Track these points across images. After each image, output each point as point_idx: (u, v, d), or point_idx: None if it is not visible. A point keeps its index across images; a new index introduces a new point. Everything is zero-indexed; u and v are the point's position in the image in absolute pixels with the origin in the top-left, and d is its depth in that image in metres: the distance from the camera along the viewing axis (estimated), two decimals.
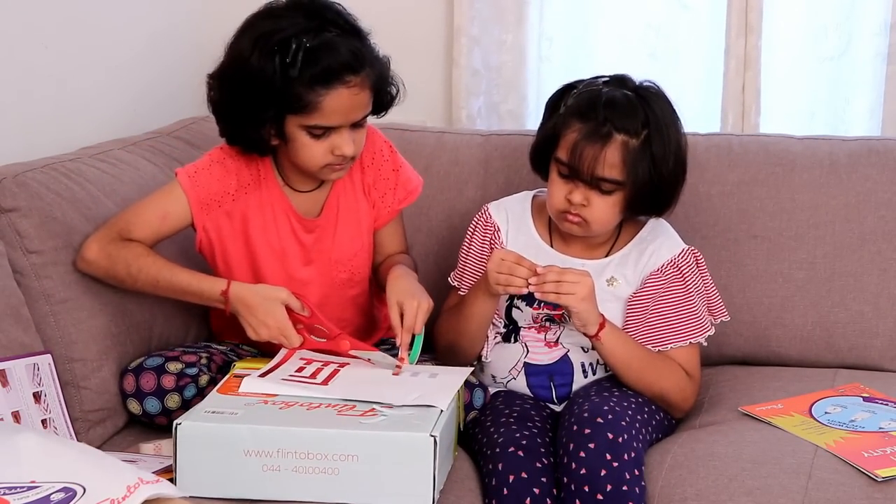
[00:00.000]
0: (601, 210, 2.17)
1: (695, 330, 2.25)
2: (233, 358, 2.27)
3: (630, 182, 2.14)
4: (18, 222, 2.11)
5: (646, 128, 2.15)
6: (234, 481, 1.84)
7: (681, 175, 2.22)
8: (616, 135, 2.13)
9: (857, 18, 2.89)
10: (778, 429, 2.17)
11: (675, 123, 2.21)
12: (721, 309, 2.33)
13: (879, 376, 2.45)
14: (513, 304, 2.28)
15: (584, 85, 2.23)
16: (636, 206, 2.21)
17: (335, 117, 2.11)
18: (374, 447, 1.83)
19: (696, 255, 2.29)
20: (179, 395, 2.12)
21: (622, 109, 2.15)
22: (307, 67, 2.07)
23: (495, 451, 2.09)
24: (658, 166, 2.15)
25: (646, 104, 2.17)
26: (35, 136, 2.39)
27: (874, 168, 2.55)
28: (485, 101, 3.05)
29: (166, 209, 2.21)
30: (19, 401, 1.96)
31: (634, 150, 2.13)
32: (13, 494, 1.48)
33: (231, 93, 2.13)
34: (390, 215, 2.35)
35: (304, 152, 2.15)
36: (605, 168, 2.13)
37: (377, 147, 2.33)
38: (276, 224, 2.27)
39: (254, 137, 2.16)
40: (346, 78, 2.09)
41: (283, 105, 2.09)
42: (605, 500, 1.98)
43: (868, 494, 1.99)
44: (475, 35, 3.00)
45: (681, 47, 3.01)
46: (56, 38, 2.45)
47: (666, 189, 2.20)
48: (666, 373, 2.22)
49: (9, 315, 2.01)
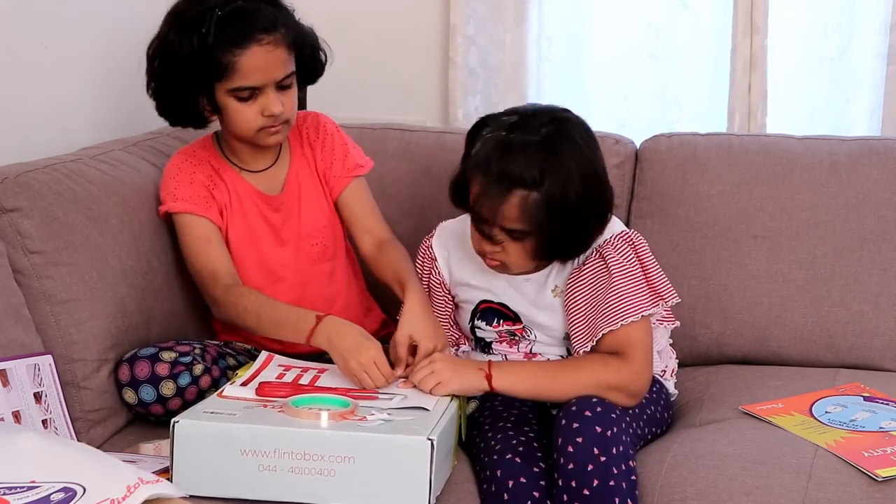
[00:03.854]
0: (515, 254, 2.12)
1: (625, 312, 2.15)
2: (227, 351, 2.28)
3: (535, 230, 2.08)
4: (20, 222, 2.11)
5: (545, 178, 2.04)
6: (230, 481, 1.84)
7: (592, 213, 2.12)
8: (514, 189, 2.04)
9: (857, 18, 2.89)
10: (778, 428, 2.17)
11: (585, 163, 2.09)
12: (669, 291, 2.22)
13: (880, 376, 2.45)
14: (475, 325, 2.28)
15: (491, 127, 2.13)
16: (549, 254, 2.14)
17: (255, 76, 2.21)
18: (370, 449, 1.82)
19: (632, 239, 2.20)
20: (174, 382, 2.13)
21: (519, 161, 2.04)
22: (221, 32, 2.18)
23: (493, 457, 2.08)
24: (560, 215, 2.06)
25: (549, 149, 2.06)
26: (35, 137, 2.40)
27: (874, 168, 2.55)
28: (482, 101, 3.05)
29: (200, 234, 2.31)
30: (20, 401, 1.96)
31: (534, 202, 2.04)
32: (13, 494, 1.48)
33: (160, 71, 2.25)
34: (343, 183, 2.41)
35: (237, 119, 2.25)
36: (507, 221, 2.07)
37: (321, 123, 2.44)
38: (242, 209, 2.34)
39: (189, 111, 2.28)
40: (259, 36, 2.20)
41: (205, 74, 2.20)
42: (592, 495, 1.97)
43: (868, 494, 1.99)
44: (471, 34, 3.00)
45: (681, 47, 3.01)
46: (56, 38, 2.45)
47: (576, 233, 2.11)
48: (585, 370, 2.12)
49: (9, 315, 2.02)
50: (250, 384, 2.03)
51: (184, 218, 2.31)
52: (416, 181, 2.67)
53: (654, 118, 3.00)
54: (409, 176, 2.67)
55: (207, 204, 2.31)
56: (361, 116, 2.58)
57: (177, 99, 2.26)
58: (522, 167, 2.04)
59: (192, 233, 2.31)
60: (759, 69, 2.88)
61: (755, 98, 2.90)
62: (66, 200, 2.18)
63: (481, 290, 2.27)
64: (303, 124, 2.43)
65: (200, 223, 2.31)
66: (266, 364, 2.14)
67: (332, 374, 2.11)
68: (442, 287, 2.30)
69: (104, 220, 2.23)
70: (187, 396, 2.13)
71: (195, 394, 2.14)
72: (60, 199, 2.18)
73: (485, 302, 2.27)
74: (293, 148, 2.42)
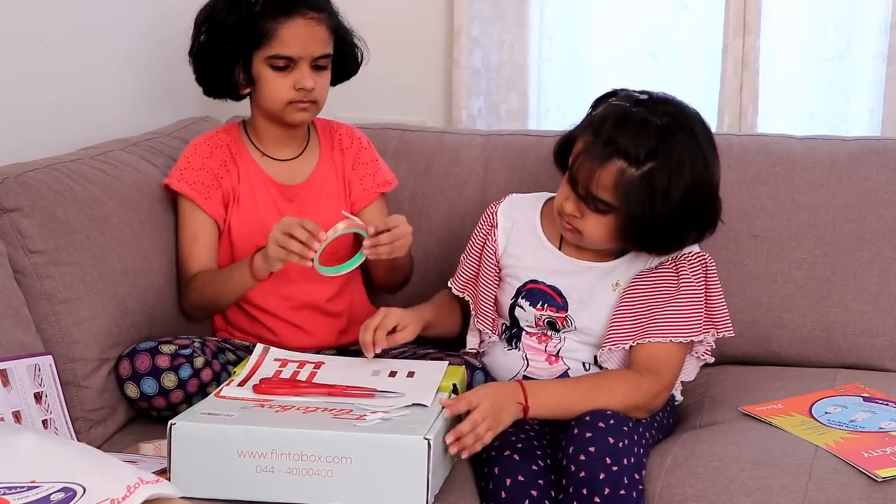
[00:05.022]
0: (592, 226, 2.12)
1: (678, 330, 2.15)
2: (226, 346, 2.28)
3: (623, 209, 2.06)
4: (20, 222, 2.11)
5: (651, 159, 2.03)
6: (227, 482, 1.84)
7: (692, 216, 2.09)
8: (615, 158, 2.04)
9: (857, 18, 2.89)
10: (778, 429, 2.17)
11: (698, 162, 2.06)
12: (726, 322, 2.23)
13: (880, 376, 2.45)
14: (516, 304, 2.27)
15: (620, 96, 2.14)
16: (632, 237, 2.11)
17: (294, 46, 2.28)
18: (368, 449, 1.82)
19: (706, 262, 2.21)
20: (175, 374, 2.13)
21: (631, 134, 2.03)
22: (269, 3, 2.27)
23: (491, 454, 2.08)
24: (657, 201, 2.03)
25: (666, 134, 2.04)
26: (36, 137, 2.39)
27: (874, 168, 2.55)
28: (485, 101, 3.05)
29: (192, 230, 2.37)
30: (20, 401, 1.96)
31: (631, 178, 2.03)
32: (13, 494, 1.48)
33: (204, 37, 2.33)
34: (369, 198, 2.46)
35: (269, 87, 2.31)
36: (598, 188, 2.06)
37: (356, 135, 2.50)
38: (254, 196, 2.38)
39: (225, 79, 2.34)
40: (304, 10, 2.28)
41: (247, 40, 2.28)
42: (602, 502, 1.97)
43: (868, 494, 1.99)
44: (475, 35, 3.00)
45: (681, 47, 3.01)
46: (56, 39, 2.45)
47: (666, 227, 2.08)
48: (618, 393, 2.10)
49: (9, 315, 2.02)
50: (248, 382, 2.03)
51: (183, 202, 2.37)
52: (416, 181, 2.67)
53: None
54: (409, 176, 2.67)
55: (208, 193, 2.36)
56: (362, 116, 2.58)
57: (214, 64, 2.33)
58: (633, 140, 2.04)
59: (185, 225, 2.38)
60: (752, 69, 2.88)
61: (746, 98, 2.90)
62: (67, 200, 2.18)
63: (536, 270, 2.25)
64: (336, 130, 2.48)
65: (196, 218, 2.37)
66: (262, 359, 2.13)
67: (329, 368, 2.11)
68: (494, 255, 2.30)
69: (104, 219, 2.23)
70: (189, 389, 2.13)
71: (197, 386, 2.14)
72: (61, 198, 2.18)
73: (534, 282, 2.25)
74: (322, 149, 2.45)
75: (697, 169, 2.07)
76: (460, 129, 2.92)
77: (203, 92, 2.40)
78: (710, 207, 2.13)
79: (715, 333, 2.23)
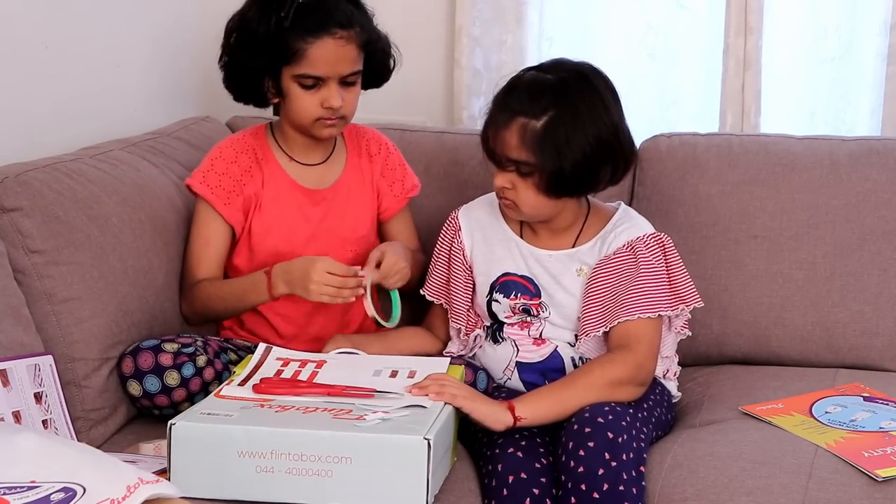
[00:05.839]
0: (526, 193, 2.19)
1: (644, 306, 2.19)
2: (227, 346, 2.28)
3: (539, 164, 2.14)
4: (20, 222, 2.11)
5: (549, 109, 2.13)
6: (227, 482, 1.84)
7: (603, 158, 2.17)
8: (516, 117, 2.14)
9: (857, 19, 2.89)
10: (778, 428, 2.17)
11: (595, 105, 2.16)
12: (693, 295, 2.28)
13: (880, 376, 2.45)
14: (492, 299, 2.30)
15: (522, 71, 2.26)
16: (557, 189, 2.18)
17: (322, 66, 2.27)
18: (367, 449, 1.82)
19: (662, 241, 2.27)
20: (178, 371, 2.13)
21: (526, 92, 2.15)
22: (298, 19, 2.25)
23: (494, 451, 2.09)
24: (563, 148, 2.12)
25: (559, 87, 2.15)
26: (35, 136, 2.39)
27: (874, 168, 2.55)
28: (486, 102, 3.04)
29: (205, 235, 2.37)
30: (20, 401, 1.96)
31: (535, 131, 2.13)
32: (13, 494, 1.48)
33: (234, 46, 2.32)
34: (400, 204, 2.48)
35: (297, 105, 2.31)
36: (510, 149, 2.15)
37: (383, 141, 2.51)
38: (279, 201, 2.38)
39: (254, 89, 2.34)
40: (333, 29, 2.26)
41: (276, 56, 2.26)
42: (601, 498, 1.98)
43: (868, 494, 1.99)
44: (476, 35, 3.00)
45: (680, 47, 3.01)
46: (56, 38, 2.45)
47: (582, 170, 2.16)
48: (594, 371, 2.15)
49: (9, 315, 2.02)
50: (248, 382, 2.03)
51: (202, 205, 2.37)
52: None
53: (654, 118, 3.00)
54: None
55: (228, 198, 2.35)
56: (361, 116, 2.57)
57: (244, 75, 2.32)
58: (527, 97, 2.15)
59: (199, 228, 2.38)
60: (753, 69, 2.88)
61: (748, 98, 2.90)
62: (67, 200, 2.18)
63: (506, 261, 2.31)
64: (363, 135, 2.49)
65: (210, 223, 2.37)
66: (265, 359, 2.14)
67: (330, 368, 2.11)
68: (462, 255, 2.35)
69: (105, 219, 2.23)
70: (192, 387, 2.13)
71: (199, 385, 2.14)
72: (61, 198, 2.18)
73: (506, 274, 2.30)
74: (350, 154, 2.46)
75: (596, 112, 2.17)
76: (461, 129, 2.92)
77: (233, 98, 2.40)
78: (620, 147, 2.20)
79: (685, 308, 2.28)
